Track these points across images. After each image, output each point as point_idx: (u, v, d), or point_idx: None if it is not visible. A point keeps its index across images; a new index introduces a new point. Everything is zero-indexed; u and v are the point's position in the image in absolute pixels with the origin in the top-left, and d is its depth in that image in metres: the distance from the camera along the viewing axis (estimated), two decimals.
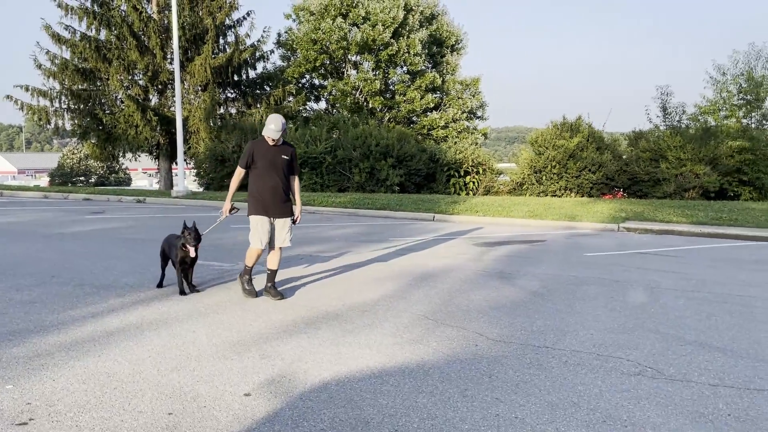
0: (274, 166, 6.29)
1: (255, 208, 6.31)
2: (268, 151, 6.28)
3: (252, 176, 6.36)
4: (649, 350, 4.86)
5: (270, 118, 6.19)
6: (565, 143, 22.53)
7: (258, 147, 6.30)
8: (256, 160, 6.27)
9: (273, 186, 6.29)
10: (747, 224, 15.41)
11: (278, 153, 6.33)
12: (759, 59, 23.26)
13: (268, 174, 6.28)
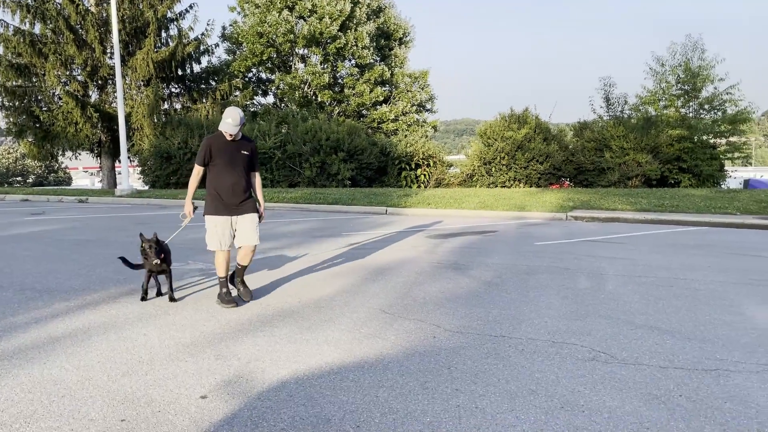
0: (234, 162, 5.93)
1: (212, 207, 5.94)
2: (227, 147, 5.94)
3: (210, 174, 5.98)
4: (602, 335, 4.98)
5: (227, 112, 5.84)
6: (513, 135, 22.90)
7: (215, 143, 5.93)
8: (214, 156, 5.90)
9: (233, 183, 5.92)
10: (687, 210, 16.02)
11: (238, 148, 5.99)
12: (695, 50, 24.19)
13: (227, 171, 5.91)
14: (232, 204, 5.94)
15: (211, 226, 5.94)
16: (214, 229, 5.94)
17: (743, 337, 4.92)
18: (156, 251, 5.81)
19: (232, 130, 5.83)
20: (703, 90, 24.20)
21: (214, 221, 5.93)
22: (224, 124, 5.84)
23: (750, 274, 7.71)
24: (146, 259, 5.86)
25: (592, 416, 3.42)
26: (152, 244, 5.82)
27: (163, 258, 5.93)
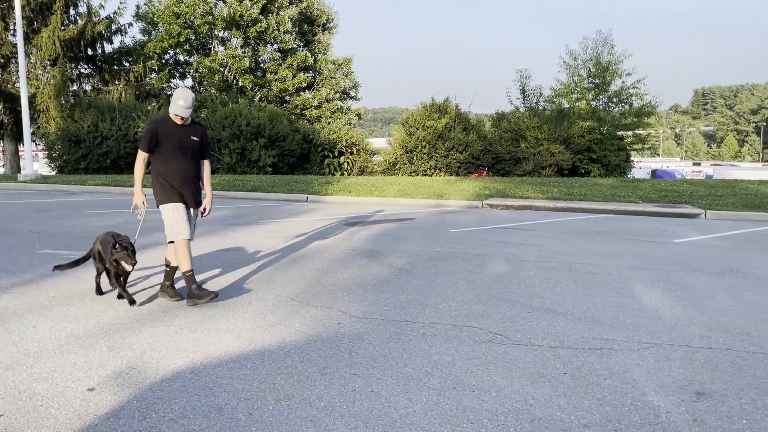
0: (183, 148, 5.47)
1: (167, 194, 5.44)
2: (176, 132, 5.46)
3: (156, 161, 5.48)
4: (500, 318, 5.17)
5: (179, 93, 5.40)
6: (434, 124, 23.22)
7: (163, 127, 5.44)
8: (162, 142, 5.40)
9: (182, 171, 5.46)
10: (594, 198, 16.81)
11: (187, 134, 5.53)
12: (606, 46, 25.31)
13: (175, 158, 5.44)
14: (181, 193, 5.51)
15: (172, 214, 5.44)
16: (176, 216, 5.43)
17: (629, 318, 5.24)
18: (133, 252, 5.31)
19: (184, 113, 5.38)
20: (612, 84, 25.43)
21: (173, 208, 5.44)
22: (175, 107, 5.38)
23: (643, 258, 8.20)
24: (118, 262, 5.26)
25: (481, 395, 3.55)
26: (129, 246, 5.29)
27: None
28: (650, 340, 4.62)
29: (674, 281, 6.75)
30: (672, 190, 17.20)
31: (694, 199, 15.67)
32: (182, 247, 5.43)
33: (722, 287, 6.48)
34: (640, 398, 3.55)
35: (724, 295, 6.11)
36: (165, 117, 5.54)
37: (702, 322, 5.12)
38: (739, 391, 3.67)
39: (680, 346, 4.48)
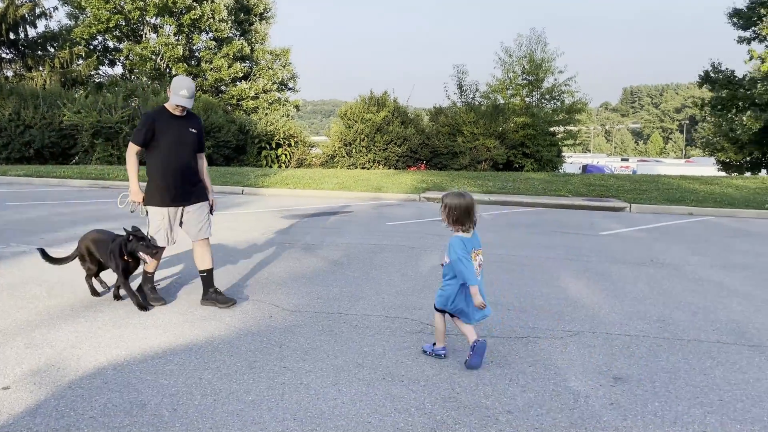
0: (182, 142, 5.03)
1: (157, 197, 5.01)
2: (173, 124, 5.00)
3: (151, 156, 5.02)
4: (431, 309, 5.24)
5: (180, 82, 4.94)
6: (372, 117, 23.27)
7: (160, 119, 4.99)
8: (158, 135, 4.95)
9: (181, 167, 5.02)
10: (527, 192, 17.27)
11: (185, 126, 5.08)
12: (539, 43, 26.01)
13: (173, 153, 4.98)
14: (179, 192, 5.04)
15: (158, 219, 5.03)
16: (161, 222, 5.04)
17: (554, 307, 5.43)
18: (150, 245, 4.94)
19: (186, 103, 4.93)
20: (545, 81, 26.18)
21: (161, 213, 5.02)
22: (177, 97, 4.91)
23: (571, 250, 8.50)
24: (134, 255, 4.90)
25: (410, 385, 3.60)
26: (144, 239, 4.90)
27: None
28: (573, 328, 4.80)
29: (598, 272, 7.03)
30: (600, 185, 17.87)
31: (620, 193, 16.33)
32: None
33: (642, 277, 6.80)
34: (561, 384, 3.68)
35: (643, 285, 6.41)
36: (161, 108, 5.09)
37: (621, 310, 5.36)
38: (653, 375, 3.86)
39: (601, 334, 4.68)
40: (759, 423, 3.20)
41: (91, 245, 5.15)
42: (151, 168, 5.05)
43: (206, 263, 5.21)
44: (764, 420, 3.25)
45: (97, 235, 5.20)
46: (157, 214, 5.03)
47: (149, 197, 5.03)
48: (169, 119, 5.02)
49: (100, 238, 5.15)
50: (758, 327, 4.96)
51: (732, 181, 19.35)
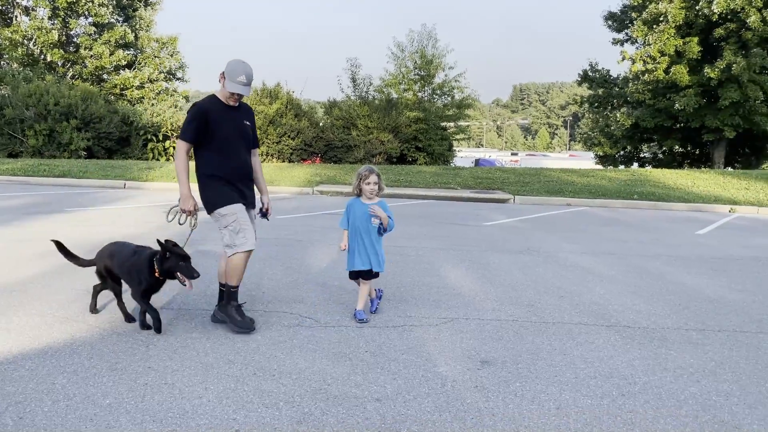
0: (239, 137, 4.38)
1: (225, 195, 4.30)
2: (228, 116, 4.32)
3: (203, 154, 4.32)
4: (312, 302, 5.21)
5: (236, 66, 4.23)
6: (265, 109, 22.81)
7: (213, 110, 4.28)
8: (214, 129, 4.24)
9: (240, 165, 4.38)
10: (419, 185, 17.63)
11: (240, 118, 4.42)
12: (430, 39, 26.60)
13: (232, 149, 4.32)
14: (241, 191, 4.42)
15: (234, 219, 4.28)
16: (240, 222, 4.29)
17: (433, 296, 5.56)
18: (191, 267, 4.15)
19: (244, 90, 4.26)
20: (436, 76, 26.82)
21: (235, 210, 4.29)
22: (234, 84, 4.20)
23: (455, 240, 8.76)
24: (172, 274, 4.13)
25: (281, 379, 3.55)
26: (185, 258, 4.12)
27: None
28: (448, 315, 4.94)
29: (478, 260, 7.29)
30: (487, 177, 18.57)
31: (505, 185, 17.06)
32: (242, 261, 4.38)
33: (518, 264, 7.12)
34: (431, 370, 3.77)
35: (518, 272, 6.72)
36: (212, 98, 4.37)
37: (495, 297, 5.59)
38: (517, 357, 4.05)
39: (473, 320, 4.85)
40: (608, 397, 3.43)
41: (110, 262, 4.40)
42: (204, 168, 4.33)
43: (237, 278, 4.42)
44: (613, 394, 3.49)
45: (117, 249, 4.45)
46: (231, 212, 4.26)
47: (217, 198, 4.27)
48: (223, 110, 4.31)
49: (122, 251, 4.40)
50: (617, 309, 5.33)
51: (606, 174, 20.76)
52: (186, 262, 4.09)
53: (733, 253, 8.46)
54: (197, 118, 4.22)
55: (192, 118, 4.22)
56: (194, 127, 4.21)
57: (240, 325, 4.30)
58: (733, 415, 3.22)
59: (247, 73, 4.23)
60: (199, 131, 4.23)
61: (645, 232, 10.36)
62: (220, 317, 4.45)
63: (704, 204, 15.09)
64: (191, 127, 4.22)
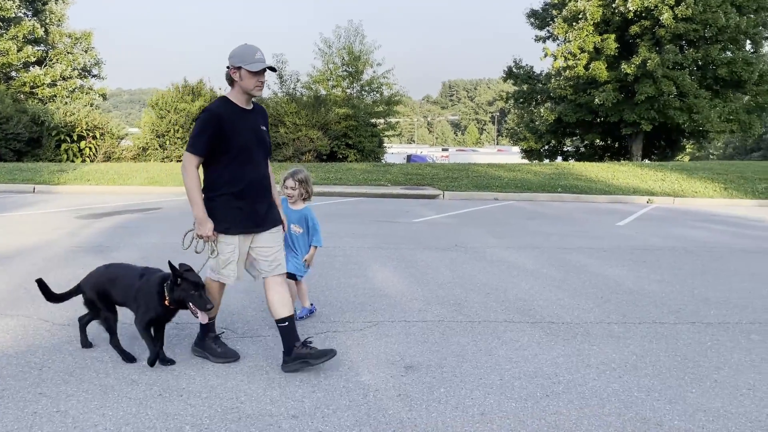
0: (258, 145, 3.69)
1: (229, 220, 3.62)
2: (244, 120, 3.62)
3: (216, 167, 3.61)
4: (231, 311, 4.93)
5: (244, 49, 3.54)
6: (187, 107, 22.03)
7: (227, 115, 3.57)
8: (230, 137, 3.55)
9: (258, 180, 3.70)
10: (349, 182, 17.44)
11: (256, 122, 3.72)
12: (357, 36, 26.46)
13: (250, 160, 3.64)
14: (260, 213, 3.73)
15: (229, 251, 3.68)
16: (232, 255, 3.69)
17: (359, 298, 5.39)
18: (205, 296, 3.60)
19: (258, 91, 3.61)
20: (364, 73, 26.71)
21: (233, 243, 3.67)
22: (255, 64, 3.49)
23: (383, 238, 8.62)
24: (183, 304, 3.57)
25: (190, 399, 3.28)
26: (199, 287, 3.56)
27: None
28: (373, 319, 4.77)
29: (406, 259, 7.18)
30: (417, 174, 18.59)
31: (435, 181, 17.11)
32: (218, 290, 3.90)
33: (446, 262, 7.05)
34: (353, 379, 3.59)
35: (446, 269, 6.64)
36: (224, 100, 3.65)
37: (422, 297, 5.47)
38: (442, 360, 3.92)
39: (399, 322, 4.70)
40: (532, 399, 3.35)
41: (108, 285, 3.81)
42: (214, 182, 3.62)
43: (287, 307, 3.75)
44: (537, 395, 3.41)
45: (112, 272, 3.87)
46: (228, 243, 3.66)
47: (220, 221, 3.61)
48: (238, 114, 3.60)
49: (119, 274, 3.85)
50: (542, 304, 5.32)
51: (531, 168, 21.21)
52: (199, 290, 3.54)
53: (652, 243, 8.72)
54: (210, 126, 3.51)
55: (203, 127, 3.51)
56: (207, 137, 3.50)
57: (220, 356, 3.80)
58: (654, 411, 3.20)
59: (260, 50, 3.57)
60: (212, 141, 3.52)
61: (568, 225, 10.57)
62: (198, 353, 3.90)
63: (624, 195, 15.63)
64: (203, 138, 3.50)
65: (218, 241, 3.63)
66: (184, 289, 3.52)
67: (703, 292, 5.81)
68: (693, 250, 8.12)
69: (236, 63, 3.50)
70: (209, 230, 3.55)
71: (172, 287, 3.54)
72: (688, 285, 6.09)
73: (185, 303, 3.53)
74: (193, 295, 3.51)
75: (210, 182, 3.63)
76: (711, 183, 17.29)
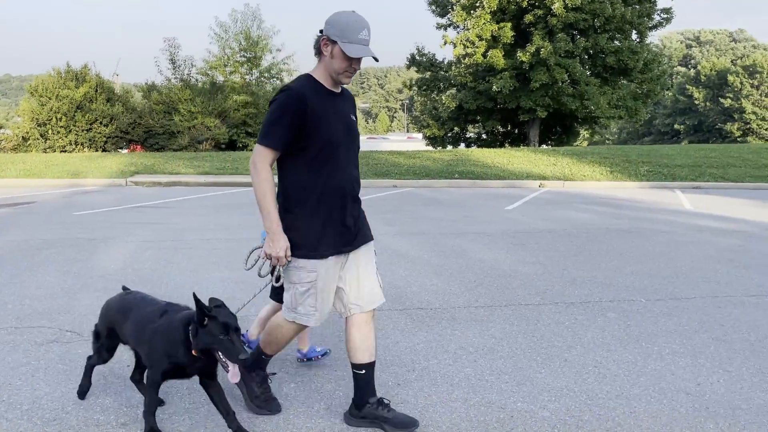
0: (350, 137, 2.84)
1: (317, 239, 2.74)
2: (332, 106, 2.77)
3: (293, 167, 2.74)
4: (84, 311, 4.56)
5: (350, 18, 2.67)
6: (71, 93, 20.62)
7: (313, 99, 2.68)
8: (317, 127, 2.68)
9: (350, 181, 2.83)
10: (246, 172, 16.94)
11: (346, 109, 2.86)
12: (255, 20, 25.70)
13: (339, 157, 2.77)
14: (349, 226, 2.83)
15: (309, 280, 2.74)
16: (320, 287, 2.77)
17: (227, 292, 5.16)
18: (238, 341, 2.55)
19: (372, 53, 2.69)
20: (263, 59, 26.04)
21: (317, 269, 2.74)
22: (355, 47, 2.63)
23: None
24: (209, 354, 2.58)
25: (9, 413, 2.95)
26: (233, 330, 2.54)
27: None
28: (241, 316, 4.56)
29: None
30: None
31: None
32: (292, 333, 2.98)
33: None
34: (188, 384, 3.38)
35: None
36: (307, 80, 2.76)
37: None
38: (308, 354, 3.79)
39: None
40: (383, 389, 3.26)
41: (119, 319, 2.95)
42: (289, 188, 2.76)
43: (371, 351, 2.90)
44: (389, 384, 3.35)
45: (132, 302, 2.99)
46: (308, 270, 2.74)
47: (304, 237, 2.72)
48: (325, 98, 2.75)
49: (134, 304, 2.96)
50: (415, 290, 5.30)
51: (431, 155, 21.51)
52: (230, 334, 2.53)
53: (535, 226, 8.99)
54: (292, 111, 2.64)
55: (283, 112, 2.65)
56: (286, 125, 2.64)
57: (259, 405, 3.01)
58: (501, 394, 3.22)
59: (368, 27, 2.70)
60: (293, 132, 2.66)
61: (460, 210, 10.74)
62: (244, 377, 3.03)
63: (517, 180, 16.14)
64: (282, 126, 2.65)
65: (296, 267, 2.73)
66: (211, 331, 2.54)
67: (572, 272, 6.01)
68: (572, 232, 8.42)
69: (333, 34, 2.65)
70: (282, 249, 2.65)
71: (196, 330, 2.58)
72: (560, 266, 6.28)
73: (214, 353, 2.57)
74: (222, 341, 2.52)
75: (285, 185, 2.78)
76: (599, 167, 18.17)
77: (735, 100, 59.30)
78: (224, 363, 2.53)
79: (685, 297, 5.13)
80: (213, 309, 2.58)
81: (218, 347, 2.51)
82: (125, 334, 2.90)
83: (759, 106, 58.37)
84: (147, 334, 2.75)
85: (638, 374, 3.48)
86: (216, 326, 2.52)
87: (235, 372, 2.53)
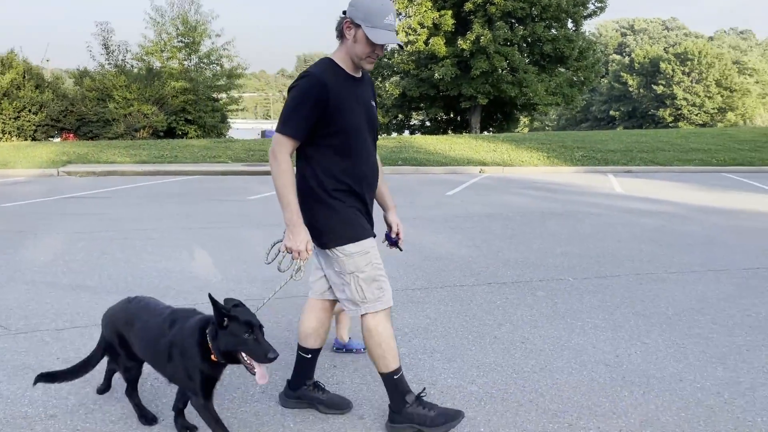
0: (370, 124, 2.74)
1: (356, 223, 2.67)
2: (353, 93, 2.66)
3: (317, 156, 2.63)
4: (9, 305, 4.44)
5: (382, 9, 2.52)
6: None
7: (335, 84, 2.57)
8: (339, 114, 2.59)
9: (373, 170, 2.80)
10: (186, 160, 16.67)
11: (367, 95, 2.75)
12: (192, 4, 25.04)
13: (361, 145, 2.68)
14: (369, 214, 2.80)
15: (367, 261, 2.66)
16: (376, 264, 2.69)
17: (163, 282, 5.10)
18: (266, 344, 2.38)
19: (396, 39, 2.59)
20: (202, 44, 25.44)
21: (368, 248, 2.67)
22: (379, 33, 2.51)
23: (211, 218, 8.33)
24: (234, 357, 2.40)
25: None
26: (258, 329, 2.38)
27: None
28: (179, 305, 4.53)
29: (228, 239, 6.96)
30: (259, 149, 18.18)
31: None
32: (384, 323, 2.77)
33: (273, 239, 6.91)
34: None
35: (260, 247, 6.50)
36: (329, 65, 2.65)
37: (234, 277, 5.31)
38: None
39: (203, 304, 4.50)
40: (318, 371, 3.35)
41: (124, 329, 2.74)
42: (317, 178, 2.64)
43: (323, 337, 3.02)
44: (324, 366, 3.42)
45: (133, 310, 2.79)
46: (361, 251, 2.65)
47: (342, 229, 2.64)
48: (346, 84, 2.64)
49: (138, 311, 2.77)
50: None
51: None
52: (254, 333, 2.38)
53: (473, 211, 9.20)
54: (314, 98, 2.53)
55: (303, 99, 2.55)
56: (306, 112, 2.54)
57: (442, 422, 2.72)
58: (432, 372, 3.34)
59: (393, 12, 2.64)
60: (314, 119, 2.56)
61: (402, 197, 10.86)
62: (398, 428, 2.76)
63: (458, 166, 16.42)
64: (302, 114, 2.55)
65: (347, 255, 2.63)
66: (233, 332, 2.38)
67: (506, 254, 6.21)
68: (509, 216, 8.67)
69: (357, 18, 2.55)
70: (303, 243, 2.54)
71: (215, 333, 2.43)
72: (495, 248, 6.48)
73: (235, 354, 2.41)
74: (247, 341, 2.37)
75: (310, 175, 2.66)
76: (536, 152, 18.66)
77: (667, 86, 61.71)
78: (249, 365, 2.38)
79: (610, 275, 5.39)
80: (232, 309, 2.43)
81: (243, 348, 2.37)
82: (134, 347, 2.72)
83: (690, 93, 60.94)
84: (159, 347, 2.58)
85: (562, 348, 3.67)
86: (238, 326, 2.37)
87: (262, 373, 2.37)
